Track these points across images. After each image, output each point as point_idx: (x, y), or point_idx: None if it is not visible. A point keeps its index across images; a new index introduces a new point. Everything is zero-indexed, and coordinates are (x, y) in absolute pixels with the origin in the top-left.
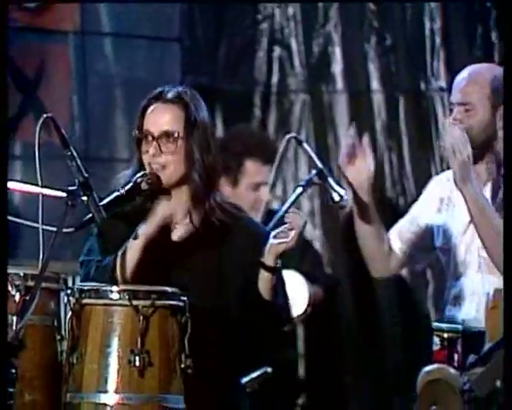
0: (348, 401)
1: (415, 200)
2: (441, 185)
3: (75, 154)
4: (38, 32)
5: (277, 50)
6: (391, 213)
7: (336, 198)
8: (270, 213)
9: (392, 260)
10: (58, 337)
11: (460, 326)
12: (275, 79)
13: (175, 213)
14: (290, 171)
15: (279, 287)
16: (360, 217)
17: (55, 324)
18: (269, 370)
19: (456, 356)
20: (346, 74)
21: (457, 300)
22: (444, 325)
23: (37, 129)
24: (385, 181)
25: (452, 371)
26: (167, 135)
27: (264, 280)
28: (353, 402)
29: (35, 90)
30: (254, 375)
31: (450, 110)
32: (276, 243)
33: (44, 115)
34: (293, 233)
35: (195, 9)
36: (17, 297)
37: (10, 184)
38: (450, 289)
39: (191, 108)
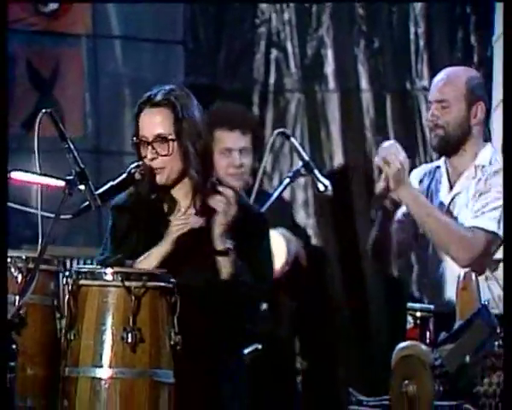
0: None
1: None
2: (419, 178)
3: (72, 146)
4: (53, 36)
5: (274, 53)
6: None
7: (321, 188)
8: (264, 195)
9: None
10: (57, 316)
11: (432, 306)
12: (272, 79)
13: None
14: (286, 164)
15: (239, 266)
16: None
17: (55, 303)
18: (259, 346)
19: (428, 334)
20: (337, 75)
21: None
22: (416, 305)
23: (37, 122)
24: (373, 171)
25: (424, 347)
26: (160, 138)
27: (221, 264)
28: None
29: (51, 90)
30: (245, 351)
31: (429, 109)
32: (215, 228)
33: (43, 111)
34: (220, 216)
35: (198, 15)
36: (19, 278)
37: (13, 174)
38: (430, 275)
39: (178, 107)
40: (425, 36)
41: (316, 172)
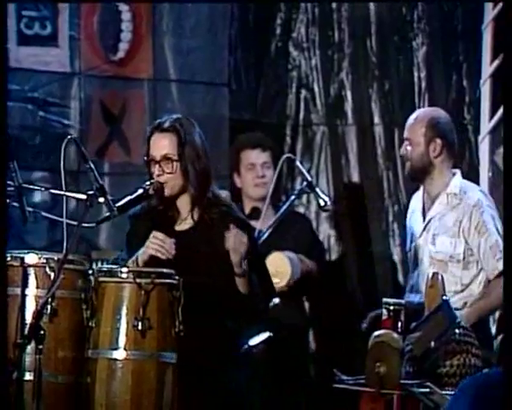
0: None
1: (406, 208)
2: (412, 201)
3: (93, 167)
4: (121, 80)
5: (303, 93)
6: (387, 217)
7: (322, 203)
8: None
9: None
10: (84, 307)
11: (403, 301)
12: (301, 114)
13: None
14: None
15: (252, 281)
16: None
17: (82, 297)
18: (271, 334)
19: (399, 324)
20: (354, 111)
21: (413, 288)
22: (390, 300)
23: (63, 146)
24: (383, 192)
25: (395, 335)
26: (166, 158)
27: (238, 281)
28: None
29: (119, 124)
30: (260, 339)
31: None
32: (231, 255)
33: (68, 136)
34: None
35: (240, 62)
36: (52, 276)
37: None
38: (408, 280)
39: (181, 133)
40: (426, 79)
41: (317, 190)
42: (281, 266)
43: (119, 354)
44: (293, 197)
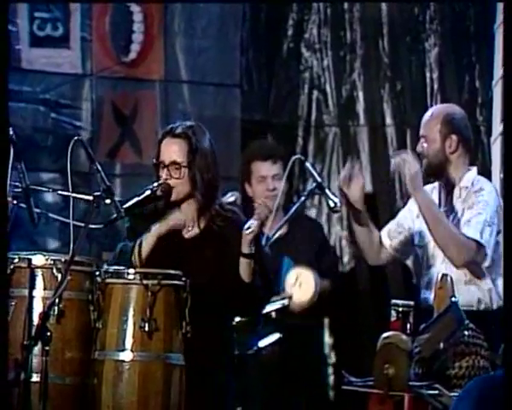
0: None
1: None
2: (411, 201)
3: (99, 168)
4: (133, 81)
5: (315, 94)
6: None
7: (331, 205)
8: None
9: (382, 252)
10: (91, 308)
11: (412, 302)
12: (313, 115)
13: (186, 219)
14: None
15: (257, 271)
16: (355, 221)
17: (90, 298)
18: (280, 335)
19: (408, 325)
20: (366, 112)
21: (429, 285)
22: (399, 301)
23: (70, 148)
24: (395, 193)
25: (404, 337)
26: (175, 164)
27: (243, 265)
28: None
29: (131, 125)
30: (270, 341)
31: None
32: (246, 233)
33: (75, 138)
34: (255, 223)
35: (252, 62)
36: (59, 277)
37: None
38: (423, 276)
39: (193, 140)
40: (438, 80)
41: (327, 191)
42: (306, 281)
43: (126, 355)
44: (302, 198)
